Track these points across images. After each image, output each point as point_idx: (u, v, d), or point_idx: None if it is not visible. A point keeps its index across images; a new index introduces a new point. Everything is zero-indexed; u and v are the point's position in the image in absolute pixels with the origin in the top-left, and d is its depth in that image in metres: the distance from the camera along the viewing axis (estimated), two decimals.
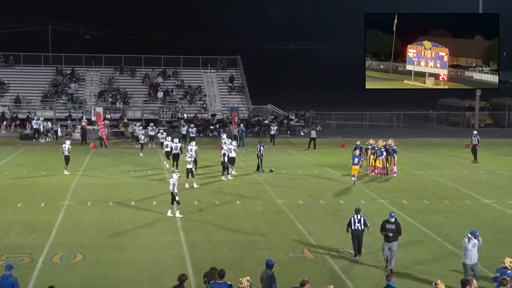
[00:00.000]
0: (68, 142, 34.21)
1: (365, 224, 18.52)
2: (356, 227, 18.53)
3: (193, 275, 17.12)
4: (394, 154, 33.13)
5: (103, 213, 24.48)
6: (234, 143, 34.84)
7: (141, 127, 46.33)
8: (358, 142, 34.37)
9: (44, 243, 20.21)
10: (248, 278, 13.37)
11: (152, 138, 44.76)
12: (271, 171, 34.06)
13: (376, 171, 32.99)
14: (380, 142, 33.75)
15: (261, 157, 33.81)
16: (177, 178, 24.12)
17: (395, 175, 32.95)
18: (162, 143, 37.87)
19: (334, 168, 35.45)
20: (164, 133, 41.87)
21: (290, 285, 15.84)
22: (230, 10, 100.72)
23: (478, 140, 39.38)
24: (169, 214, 23.88)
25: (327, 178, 32.66)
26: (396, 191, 29.21)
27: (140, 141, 40.90)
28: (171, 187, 23.77)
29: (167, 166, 34.62)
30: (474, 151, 39.41)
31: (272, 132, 47.79)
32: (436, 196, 27.99)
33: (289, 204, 26.11)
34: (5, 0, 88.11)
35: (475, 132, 40.87)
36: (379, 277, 16.61)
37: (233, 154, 32.71)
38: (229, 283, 13.68)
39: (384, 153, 32.83)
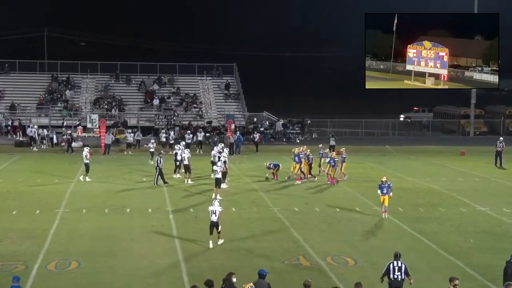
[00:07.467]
0: (86, 149, 33.60)
1: (406, 273, 15.73)
2: (395, 276, 15.65)
3: (188, 283, 17.06)
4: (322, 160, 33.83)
5: (98, 221, 24.41)
6: (226, 150, 34.52)
7: (133, 134, 46.58)
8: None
9: (39, 251, 20.14)
10: (251, 284, 13.37)
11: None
12: (266, 179, 34.00)
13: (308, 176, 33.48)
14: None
15: (161, 168, 31.85)
16: (219, 205, 21.12)
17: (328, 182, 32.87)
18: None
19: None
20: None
21: None
22: (225, 17, 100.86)
23: (503, 146, 39.87)
24: (211, 245, 20.79)
25: (322, 185, 32.64)
26: (391, 198, 29.13)
27: (150, 150, 40.68)
28: (213, 217, 20.76)
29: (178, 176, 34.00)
30: (497, 156, 39.94)
31: (256, 140, 47.68)
32: (432, 204, 28.00)
33: (284, 212, 26.08)
34: (0, 7, 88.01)
35: (501, 138, 41.35)
36: (376, 285, 16.56)
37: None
38: None
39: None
